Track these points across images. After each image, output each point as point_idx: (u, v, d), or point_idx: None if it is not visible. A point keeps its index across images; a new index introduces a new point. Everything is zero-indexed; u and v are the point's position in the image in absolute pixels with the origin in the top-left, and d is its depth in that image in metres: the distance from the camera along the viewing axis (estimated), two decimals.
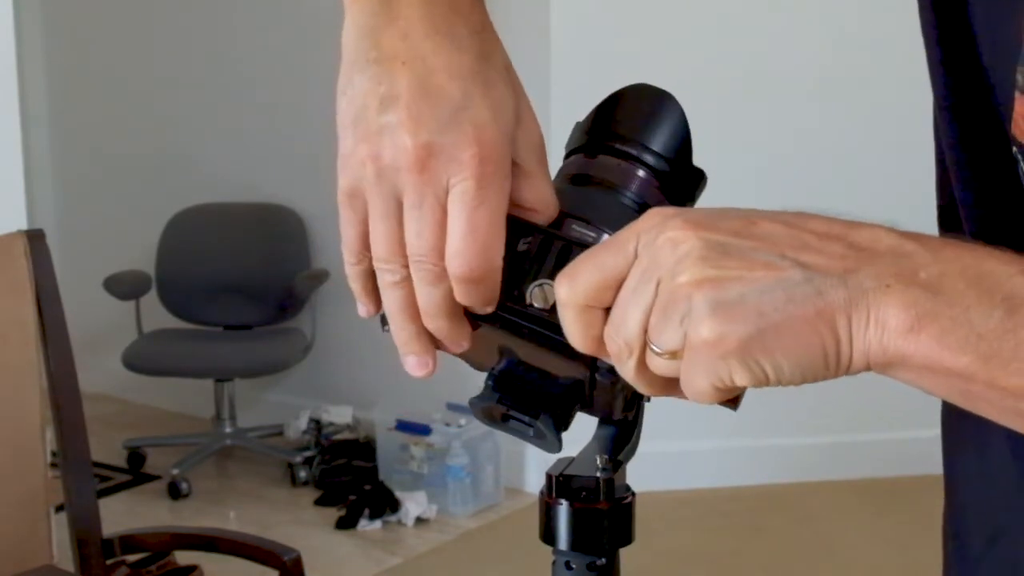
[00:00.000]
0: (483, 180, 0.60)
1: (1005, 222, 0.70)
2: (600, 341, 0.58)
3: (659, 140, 0.67)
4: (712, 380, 0.55)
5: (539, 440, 0.63)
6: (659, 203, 0.66)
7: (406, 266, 0.62)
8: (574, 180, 0.67)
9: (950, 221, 0.77)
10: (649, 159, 0.66)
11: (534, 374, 0.63)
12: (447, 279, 0.61)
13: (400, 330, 0.64)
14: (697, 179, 0.69)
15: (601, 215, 0.64)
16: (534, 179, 0.64)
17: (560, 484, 0.63)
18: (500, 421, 0.64)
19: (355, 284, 0.65)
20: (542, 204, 0.64)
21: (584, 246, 0.61)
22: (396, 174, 0.60)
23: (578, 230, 0.64)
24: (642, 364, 0.57)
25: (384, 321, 0.65)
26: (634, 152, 0.66)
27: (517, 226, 0.63)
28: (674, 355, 0.55)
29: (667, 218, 0.56)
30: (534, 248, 0.62)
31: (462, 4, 0.63)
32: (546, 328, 0.60)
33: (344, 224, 0.63)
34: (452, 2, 0.63)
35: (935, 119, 0.77)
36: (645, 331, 0.56)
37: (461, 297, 0.62)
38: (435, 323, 0.63)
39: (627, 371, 0.58)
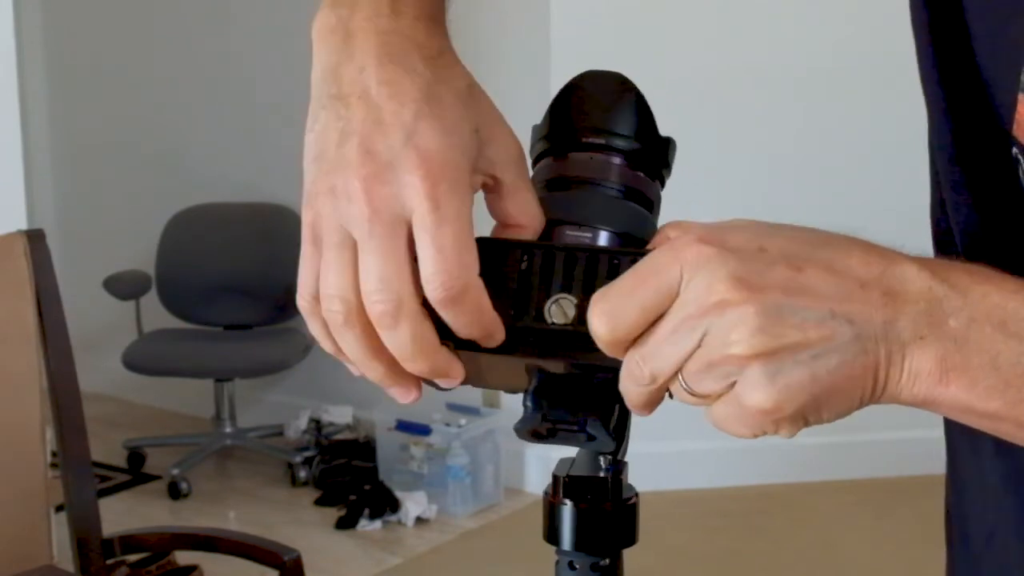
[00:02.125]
0: (436, 201, 0.59)
1: (1003, 227, 0.70)
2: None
3: (622, 122, 0.66)
4: (755, 432, 0.57)
5: (592, 443, 0.63)
6: (640, 185, 0.66)
7: (356, 303, 0.60)
8: (550, 185, 0.66)
9: (943, 224, 0.77)
10: (619, 143, 0.65)
11: (569, 382, 0.62)
12: (405, 317, 0.60)
13: (369, 371, 0.63)
14: (666, 148, 0.68)
15: (589, 213, 0.64)
16: (516, 193, 0.63)
17: (565, 485, 0.63)
18: (548, 436, 0.63)
19: (314, 326, 0.63)
20: (527, 217, 0.63)
21: (585, 250, 0.60)
22: (347, 207, 0.60)
23: (572, 234, 0.63)
24: (660, 391, 0.58)
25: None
26: (602, 141, 0.65)
27: (511, 247, 0.62)
28: (705, 397, 0.57)
29: (712, 260, 0.56)
30: (537, 265, 0.61)
31: (417, 33, 0.63)
32: (572, 342, 0.59)
33: (303, 260, 0.62)
34: (407, 32, 0.63)
35: (929, 133, 0.77)
36: (677, 371, 0.56)
37: (454, 324, 0.60)
38: (414, 366, 0.62)
39: (639, 392, 0.58)
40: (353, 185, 0.59)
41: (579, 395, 0.62)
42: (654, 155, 0.67)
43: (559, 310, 0.60)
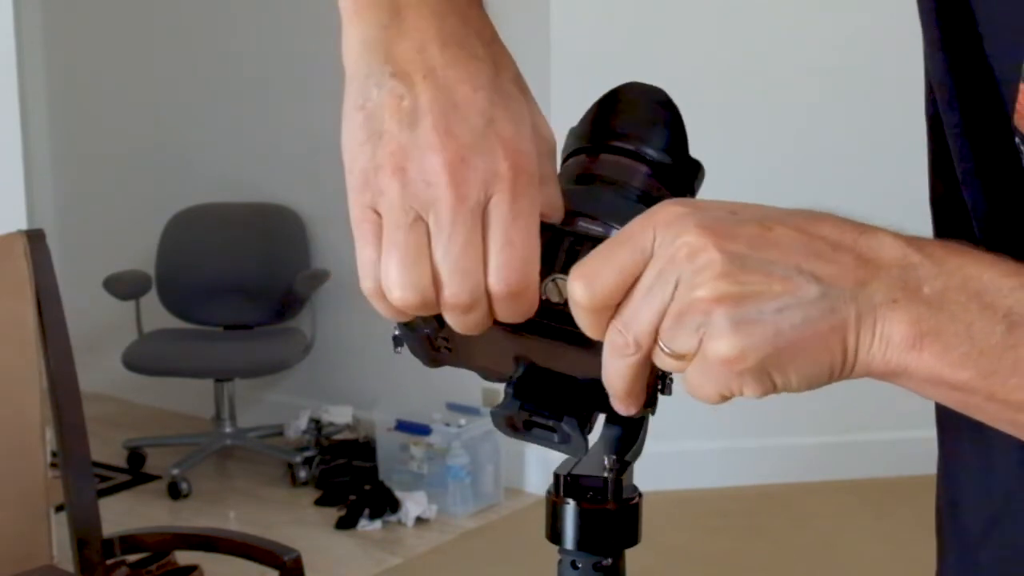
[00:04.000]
0: (518, 193, 0.58)
1: (1011, 212, 0.70)
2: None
3: (657, 135, 0.68)
4: (721, 390, 0.56)
5: (564, 445, 0.63)
6: (661, 197, 0.66)
7: (430, 292, 0.59)
8: (578, 180, 0.67)
9: (943, 214, 0.77)
10: (650, 154, 0.67)
11: (553, 378, 0.63)
12: (479, 307, 0.59)
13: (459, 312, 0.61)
14: (695, 170, 0.69)
15: (606, 210, 0.64)
16: (545, 185, 0.63)
17: (568, 484, 0.63)
18: (523, 430, 0.63)
19: (381, 307, 0.61)
20: (550, 208, 0.63)
21: (593, 240, 0.61)
22: (426, 190, 0.58)
23: (585, 225, 0.64)
24: (645, 361, 0.57)
25: (397, 342, 0.64)
26: (634, 148, 0.67)
27: None
28: (683, 357, 0.56)
29: (682, 216, 0.56)
30: (543, 244, 0.61)
31: (472, 17, 0.62)
32: (564, 322, 0.60)
33: (360, 244, 0.60)
34: (463, 14, 0.61)
35: (928, 112, 0.76)
36: (656, 330, 0.56)
37: (501, 313, 0.60)
38: (472, 331, 0.61)
39: (626, 367, 0.58)
40: (435, 167, 0.58)
41: (560, 393, 0.62)
42: (681, 174, 0.68)
43: (555, 289, 0.60)
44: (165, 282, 4.39)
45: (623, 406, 0.60)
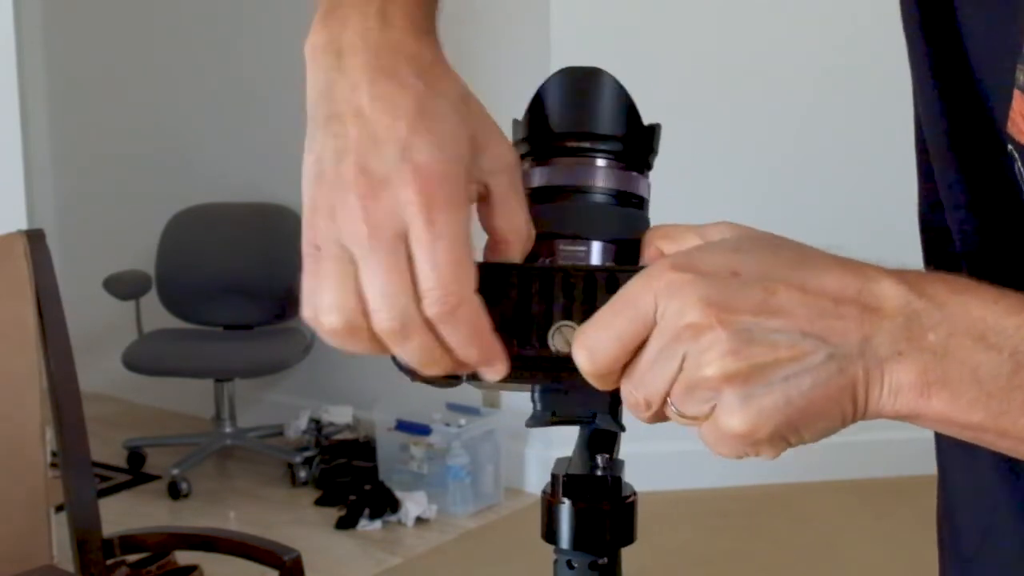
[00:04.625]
0: (431, 218, 0.59)
1: (1000, 225, 0.70)
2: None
3: (604, 121, 0.65)
4: (737, 454, 0.57)
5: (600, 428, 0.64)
6: (629, 185, 0.65)
7: (356, 317, 0.60)
8: (538, 194, 0.65)
9: (932, 229, 0.77)
10: (602, 145, 0.65)
11: (574, 382, 0.62)
12: (414, 331, 0.60)
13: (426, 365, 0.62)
14: (652, 135, 0.67)
15: (581, 225, 0.64)
16: (505, 203, 0.63)
17: (564, 483, 0.63)
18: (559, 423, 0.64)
19: (324, 337, 0.63)
20: (515, 233, 0.64)
21: (581, 270, 0.60)
22: (348, 227, 0.60)
23: (566, 249, 0.63)
24: (660, 415, 0.59)
25: (396, 365, 0.64)
26: (585, 144, 0.65)
27: (507, 271, 0.61)
28: (696, 419, 0.57)
29: (684, 286, 0.56)
30: (536, 290, 0.61)
31: (407, 45, 0.63)
32: (574, 368, 0.60)
33: (306, 277, 0.62)
34: (396, 45, 0.63)
35: (917, 127, 0.77)
36: (666, 394, 0.57)
37: (451, 342, 0.60)
38: (427, 372, 0.62)
39: (644, 418, 0.59)
40: (350, 203, 0.60)
41: (585, 392, 0.62)
42: (640, 148, 0.66)
43: (562, 338, 0.60)
44: (165, 282, 4.39)
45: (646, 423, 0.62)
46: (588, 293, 0.60)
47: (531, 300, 0.61)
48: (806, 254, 0.58)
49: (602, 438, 0.65)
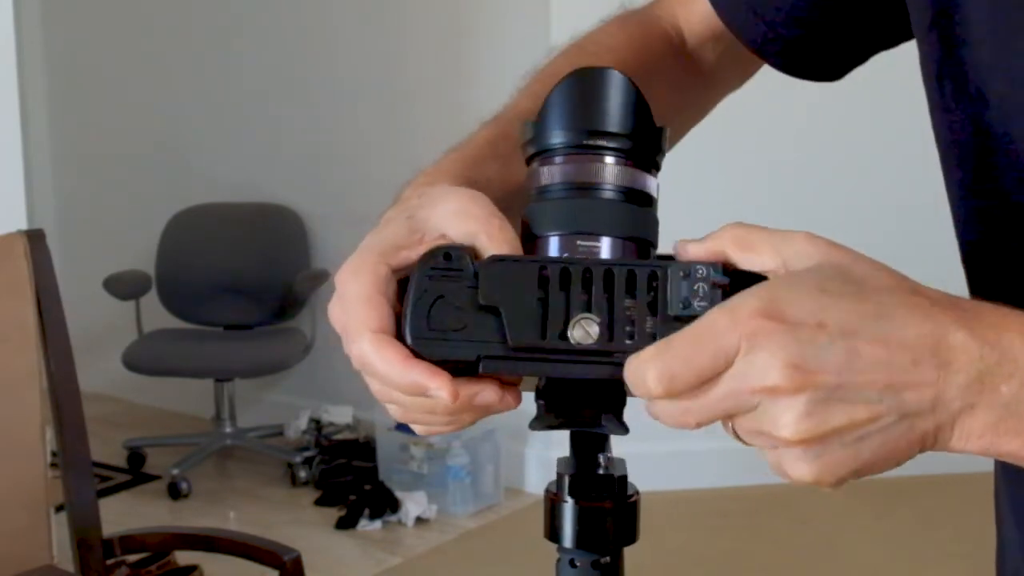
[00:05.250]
0: (350, 312, 0.68)
1: (1005, 237, 0.71)
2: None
3: (614, 120, 0.65)
4: (796, 483, 0.59)
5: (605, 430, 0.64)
6: (639, 183, 0.65)
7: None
8: (551, 191, 0.66)
9: (979, 264, 0.78)
10: (611, 144, 0.65)
11: (576, 382, 0.62)
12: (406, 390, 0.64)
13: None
14: (660, 135, 0.67)
15: (594, 222, 0.64)
16: (471, 240, 0.65)
17: (568, 482, 0.63)
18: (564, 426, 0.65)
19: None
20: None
21: (601, 264, 0.61)
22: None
23: (581, 245, 0.63)
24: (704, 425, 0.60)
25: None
26: (596, 142, 0.65)
27: (528, 264, 0.62)
28: (751, 445, 0.59)
29: (771, 338, 0.56)
30: (555, 283, 0.61)
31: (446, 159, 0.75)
32: (597, 360, 0.60)
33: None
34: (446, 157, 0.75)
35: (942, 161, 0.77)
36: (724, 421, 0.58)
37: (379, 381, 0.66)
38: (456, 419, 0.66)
39: (672, 425, 0.60)
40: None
41: (589, 393, 0.63)
42: (649, 147, 0.66)
43: (583, 331, 0.60)
44: (165, 282, 4.39)
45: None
46: (607, 289, 0.61)
47: (550, 293, 0.61)
48: (886, 301, 0.58)
49: (594, 437, 0.65)
